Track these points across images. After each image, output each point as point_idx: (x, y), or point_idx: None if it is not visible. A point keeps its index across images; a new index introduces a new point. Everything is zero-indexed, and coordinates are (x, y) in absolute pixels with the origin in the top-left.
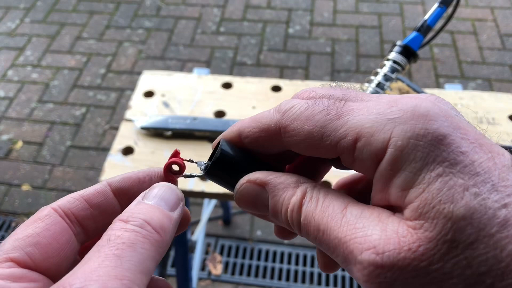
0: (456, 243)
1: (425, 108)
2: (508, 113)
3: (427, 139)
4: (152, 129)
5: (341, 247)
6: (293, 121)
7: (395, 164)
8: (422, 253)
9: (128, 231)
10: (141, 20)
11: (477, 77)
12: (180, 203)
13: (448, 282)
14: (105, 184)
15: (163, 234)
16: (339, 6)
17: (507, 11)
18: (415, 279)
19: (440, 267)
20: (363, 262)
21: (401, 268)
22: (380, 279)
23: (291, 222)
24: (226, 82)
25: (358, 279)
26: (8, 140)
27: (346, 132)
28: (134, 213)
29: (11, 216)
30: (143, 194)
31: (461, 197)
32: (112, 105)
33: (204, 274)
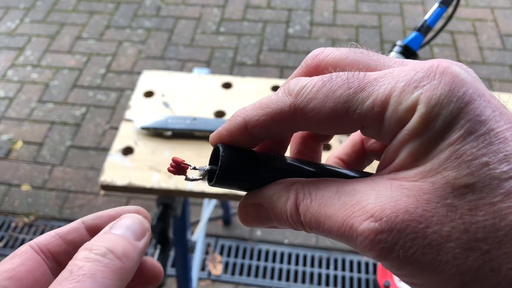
0: (455, 208)
1: (453, 73)
2: None
3: (449, 108)
4: (152, 129)
5: (343, 227)
6: (310, 101)
7: (414, 131)
8: (420, 215)
9: (90, 261)
10: (141, 20)
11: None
12: (146, 233)
13: (446, 246)
14: (79, 222)
15: (126, 261)
16: (339, 6)
17: (507, 11)
18: (414, 242)
19: (437, 230)
20: (364, 232)
21: (400, 231)
22: (381, 244)
23: (295, 225)
24: (226, 82)
25: (363, 250)
26: (8, 140)
27: (373, 103)
28: (98, 241)
29: (11, 216)
30: (111, 224)
31: (467, 166)
32: (112, 105)
33: (204, 274)
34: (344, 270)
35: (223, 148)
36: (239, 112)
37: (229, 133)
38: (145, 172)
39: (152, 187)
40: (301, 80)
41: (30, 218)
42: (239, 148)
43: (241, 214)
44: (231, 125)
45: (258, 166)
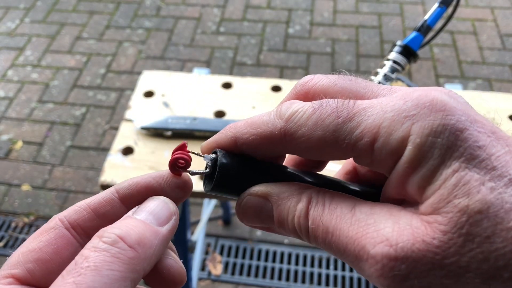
0: (472, 237)
1: (442, 102)
2: (508, 113)
3: (445, 136)
4: (152, 129)
5: (352, 245)
6: (300, 127)
7: (413, 162)
8: (437, 246)
9: (97, 251)
10: (141, 20)
11: (477, 77)
12: (172, 217)
13: (465, 276)
14: (113, 191)
15: (139, 250)
16: (339, 6)
17: (507, 11)
18: (430, 272)
19: (456, 261)
20: (376, 255)
21: (416, 260)
22: (394, 271)
23: (299, 229)
24: (226, 82)
25: (370, 275)
26: (8, 140)
27: (362, 133)
28: (112, 228)
29: (11, 216)
30: (135, 208)
31: (477, 191)
32: (112, 105)
33: (204, 274)
34: (344, 270)
35: (221, 153)
36: (230, 127)
37: (218, 146)
38: (145, 172)
39: None
40: (294, 104)
41: (30, 218)
42: (238, 154)
43: (242, 204)
44: (221, 138)
45: (259, 173)
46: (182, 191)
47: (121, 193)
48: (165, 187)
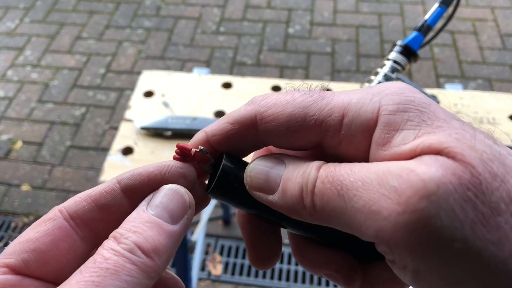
0: (494, 175)
1: (405, 86)
2: (508, 113)
3: (416, 103)
4: (152, 129)
5: (368, 183)
6: (271, 107)
7: (391, 127)
8: (468, 179)
9: (117, 255)
10: (141, 20)
11: (478, 77)
12: (188, 211)
13: (494, 220)
14: (115, 182)
15: (156, 258)
16: (339, 6)
17: (507, 11)
18: (462, 212)
19: (487, 200)
20: (400, 186)
21: (448, 193)
22: (422, 204)
23: (305, 181)
24: (226, 82)
25: (389, 217)
26: (7, 140)
27: (331, 110)
28: (128, 231)
29: (10, 216)
30: (149, 198)
31: (473, 137)
32: (112, 105)
33: (204, 274)
34: None
35: (226, 155)
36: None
37: (194, 146)
38: None
39: None
40: (267, 93)
41: (30, 218)
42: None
43: (257, 159)
44: (194, 139)
45: None
46: (186, 180)
47: (123, 183)
48: (169, 177)
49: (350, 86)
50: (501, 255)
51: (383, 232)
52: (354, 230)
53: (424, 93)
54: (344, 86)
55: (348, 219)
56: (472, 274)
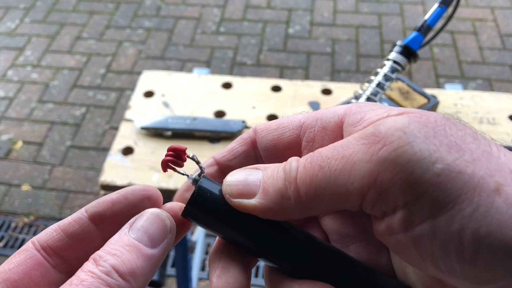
0: (456, 123)
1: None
2: (508, 113)
3: (381, 105)
4: (152, 129)
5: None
6: (266, 124)
7: (362, 110)
8: (434, 120)
9: (94, 277)
10: (141, 20)
11: (477, 77)
12: (168, 235)
13: (466, 147)
14: (82, 211)
15: (132, 281)
16: (339, 6)
17: (507, 11)
18: (435, 139)
19: (454, 133)
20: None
21: (418, 127)
22: (397, 134)
23: (287, 173)
24: (226, 82)
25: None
26: (8, 140)
27: (313, 114)
28: (107, 254)
29: (11, 216)
30: (132, 221)
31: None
32: (112, 105)
33: (204, 274)
34: None
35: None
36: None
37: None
38: (145, 172)
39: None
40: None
41: (30, 218)
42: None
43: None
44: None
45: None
46: (151, 201)
47: (89, 212)
48: (132, 200)
49: (350, 86)
50: (479, 173)
51: (368, 176)
52: (341, 195)
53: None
54: (344, 86)
55: (334, 186)
56: (457, 194)
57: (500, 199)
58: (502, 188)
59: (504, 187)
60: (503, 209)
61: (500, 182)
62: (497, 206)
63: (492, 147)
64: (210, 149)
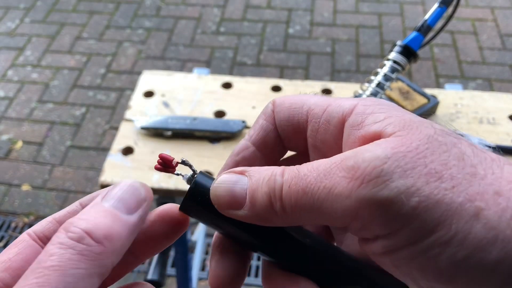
0: (444, 141)
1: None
2: (508, 113)
3: (389, 103)
4: (152, 129)
5: (333, 165)
6: (283, 97)
7: (365, 112)
8: (416, 147)
9: (63, 248)
10: (141, 20)
11: (477, 77)
12: (143, 204)
13: (447, 173)
14: (77, 203)
15: (107, 244)
16: (339, 6)
17: (507, 11)
18: (414, 171)
19: (435, 159)
20: (357, 162)
21: (398, 160)
22: (377, 172)
23: (272, 189)
24: (226, 82)
25: (353, 189)
26: (8, 140)
27: (322, 102)
28: (79, 220)
29: (11, 216)
30: (103, 193)
31: (432, 122)
32: (112, 105)
33: (204, 274)
34: None
35: (200, 172)
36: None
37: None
38: (145, 172)
39: (152, 187)
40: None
41: (30, 218)
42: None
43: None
44: (239, 148)
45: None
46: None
47: (84, 204)
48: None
49: (350, 86)
50: (458, 200)
51: (349, 211)
52: (325, 220)
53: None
54: (344, 86)
55: (317, 211)
56: (435, 223)
57: (479, 224)
58: (482, 213)
59: (483, 211)
60: (481, 234)
61: (480, 207)
62: (475, 232)
63: (478, 167)
64: (210, 149)
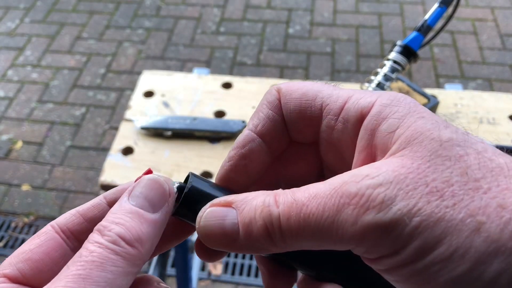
0: (447, 157)
1: (400, 93)
2: (508, 113)
3: (407, 101)
4: (152, 129)
5: (331, 199)
6: (290, 86)
7: (380, 115)
8: (417, 167)
9: (102, 247)
10: (141, 20)
11: (477, 77)
12: (167, 199)
13: (448, 190)
14: (101, 197)
15: (139, 247)
16: (339, 6)
17: (507, 11)
18: (415, 191)
19: (437, 177)
20: (360, 189)
21: (399, 182)
22: (379, 198)
23: (269, 221)
24: (226, 82)
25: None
26: (8, 140)
27: (337, 97)
28: (111, 224)
29: (11, 216)
30: (130, 190)
31: (444, 127)
32: (112, 105)
33: (204, 274)
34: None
35: (193, 176)
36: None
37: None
38: None
39: None
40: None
41: (30, 218)
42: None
43: (204, 216)
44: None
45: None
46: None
47: (108, 198)
48: None
49: (350, 86)
50: (459, 216)
51: (355, 238)
52: (328, 246)
53: (423, 93)
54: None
55: (321, 239)
56: (436, 240)
57: (480, 238)
58: (483, 227)
59: (485, 225)
60: (482, 248)
61: (482, 221)
62: (476, 246)
63: (482, 181)
64: (210, 149)
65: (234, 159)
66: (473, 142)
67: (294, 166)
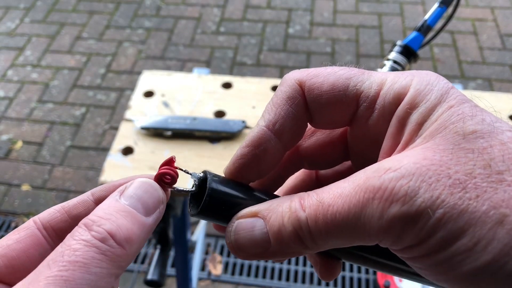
0: (470, 150)
1: (433, 72)
2: (508, 113)
3: (440, 86)
4: (152, 129)
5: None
6: (314, 77)
7: (413, 101)
8: (439, 159)
9: (87, 246)
10: (141, 20)
11: (477, 77)
12: (160, 206)
13: (471, 182)
14: (88, 194)
15: (127, 247)
16: (339, 6)
17: (507, 11)
18: (438, 183)
19: (459, 169)
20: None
21: (422, 174)
22: (402, 191)
23: (298, 226)
24: (226, 82)
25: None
26: (8, 140)
27: (371, 83)
28: (101, 219)
29: (10, 216)
30: (122, 188)
31: (470, 118)
32: (112, 105)
33: (204, 274)
34: (344, 270)
35: (211, 176)
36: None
37: (252, 144)
38: (145, 172)
39: None
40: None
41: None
42: (228, 179)
43: (233, 230)
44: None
45: (249, 199)
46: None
47: (96, 195)
48: None
49: None
50: (482, 208)
51: (382, 232)
52: (357, 242)
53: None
54: None
55: (350, 236)
56: (460, 232)
57: (503, 230)
58: (506, 219)
59: (508, 217)
60: (505, 240)
61: (505, 213)
62: (499, 238)
63: (505, 174)
64: (210, 149)
65: (246, 157)
66: (499, 132)
67: (318, 148)
